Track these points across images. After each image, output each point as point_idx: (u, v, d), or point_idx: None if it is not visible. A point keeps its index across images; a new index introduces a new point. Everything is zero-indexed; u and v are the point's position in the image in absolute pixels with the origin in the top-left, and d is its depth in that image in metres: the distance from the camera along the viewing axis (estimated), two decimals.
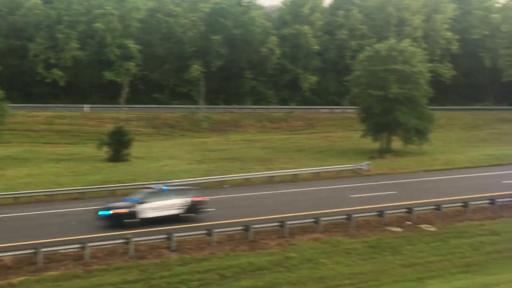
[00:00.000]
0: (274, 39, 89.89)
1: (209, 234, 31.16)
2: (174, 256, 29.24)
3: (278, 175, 49.26)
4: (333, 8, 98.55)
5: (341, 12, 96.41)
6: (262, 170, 51.29)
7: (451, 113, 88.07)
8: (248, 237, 31.74)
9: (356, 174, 51.27)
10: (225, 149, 66.94)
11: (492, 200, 38.13)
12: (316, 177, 49.48)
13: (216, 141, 73.71)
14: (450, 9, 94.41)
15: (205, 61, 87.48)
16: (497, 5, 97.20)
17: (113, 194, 42.07)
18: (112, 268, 27.62)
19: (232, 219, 34.41)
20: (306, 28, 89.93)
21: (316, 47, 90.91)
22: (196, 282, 26.88)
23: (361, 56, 68.88)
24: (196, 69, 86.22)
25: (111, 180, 47.37)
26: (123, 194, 40.17)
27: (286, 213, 35.58)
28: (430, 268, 29.84)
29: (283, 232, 32.58)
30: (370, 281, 27.97)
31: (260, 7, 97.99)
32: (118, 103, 77.57)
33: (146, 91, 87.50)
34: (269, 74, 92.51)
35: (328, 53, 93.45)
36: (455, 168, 53.01)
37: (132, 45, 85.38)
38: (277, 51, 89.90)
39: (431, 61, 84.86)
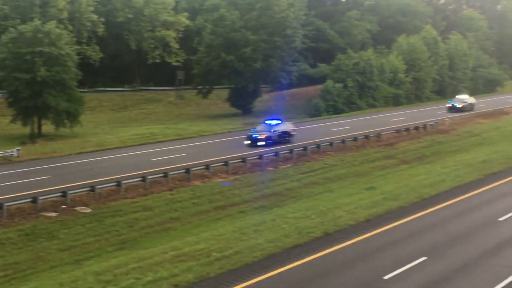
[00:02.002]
0: None
1: None
2: None
3: None
4: None
5: None
6: None
7: (101, 95, 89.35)
8: None
9: (7, 161, 49.05)
10: None
11: (143, 178, 39.84)
12: None
13: None
14: None
15: None
16: None
17: None
18: None
19: None
20: None
21: None
22: None
23: (5, 38, 65.64)
24: None
25: None
26: None
27: None
28: (87, 249, 30.17)
29: None
30: (27, 270, 27.28)
31: None
32: None
33: None
34: None
35: None
36: (108, 149, 54.02)
37: None
38: None
39: (79, 43, 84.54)
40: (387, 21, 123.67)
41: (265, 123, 56.18)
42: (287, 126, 56.78)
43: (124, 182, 38.69)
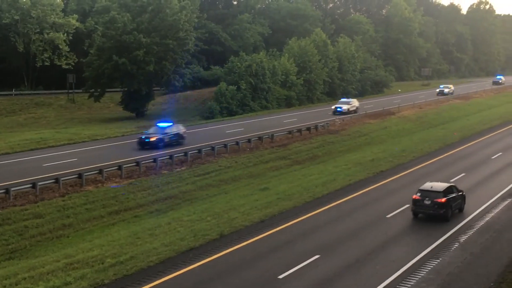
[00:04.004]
0: None
1: None
2: None
3: None
4: None
5: None
6: None
7: None
8: None
9: None
10: None
11: (33, 184, 38.57)
12: None
13: None
14: None
15: None
16: None
17: None
18: None
19: None
20: None
21: None
22: None
23: None
24: None
25: None
26: None
27: None
28: None
29: None
30: None
31: None
32: None
33: None
34: None
35: None
36: None
37: None
38: None
39: None
40: (278, 24, 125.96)
41: (157, 125, 55.66)
42: (179, 128, 56.54)
43: (13, 189, 37.30)
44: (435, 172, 49.32)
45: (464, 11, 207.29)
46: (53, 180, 39.88)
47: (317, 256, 28.33)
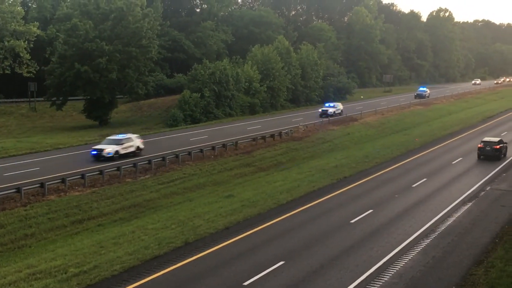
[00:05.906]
0: None
1: None
2: None
3: None
4: None
5: None
6: None
7: None
8: None
9: None
10: None
11: None
12: None
13: None
14: None
15: None
16: None
17: None
18: None
19: None
20: None
21: None
22: None
23: None
24: None
25: None
26: None
27: None
28: None
29: None
30: None
31: None
32: None
33: None
34: None
35: None
36: None
37: None
38: None
39: None
40: (241, 31, 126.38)
41: None
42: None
43: None
44: (397, 178, 49.90)
45: (424, 18, 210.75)
46: (14, 190, 39.31)
47: (282, 263, 28.44)
